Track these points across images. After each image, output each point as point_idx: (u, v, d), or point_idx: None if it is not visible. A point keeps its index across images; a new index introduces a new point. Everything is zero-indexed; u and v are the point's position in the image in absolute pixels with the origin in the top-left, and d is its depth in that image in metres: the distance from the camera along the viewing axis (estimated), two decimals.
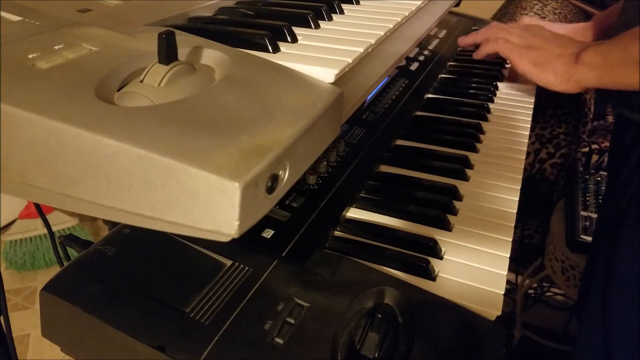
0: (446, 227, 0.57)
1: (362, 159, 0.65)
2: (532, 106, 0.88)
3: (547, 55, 0.71)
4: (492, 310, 0.47)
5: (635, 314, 0.63)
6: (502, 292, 0.49)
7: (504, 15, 1.59)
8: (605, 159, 1.21)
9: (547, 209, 1.25)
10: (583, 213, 1.10)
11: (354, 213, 0.59)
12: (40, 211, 0.66)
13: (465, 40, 0.91)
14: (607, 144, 1.27)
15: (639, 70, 0.56)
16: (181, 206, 0.27)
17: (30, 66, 0.32)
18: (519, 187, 0.66)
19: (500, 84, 0.95)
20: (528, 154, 1.17)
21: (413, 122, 0.80)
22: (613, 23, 0.71)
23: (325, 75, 0.38)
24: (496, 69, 0.99)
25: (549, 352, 1.33)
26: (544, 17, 1.46)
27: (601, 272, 0.69)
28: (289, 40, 0.44)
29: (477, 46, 0.88)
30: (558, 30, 0.85)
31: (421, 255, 0.52)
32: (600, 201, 1.12)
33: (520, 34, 0.79)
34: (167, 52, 0.33)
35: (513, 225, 0.58)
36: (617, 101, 0.70)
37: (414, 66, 0.92)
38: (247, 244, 0.49)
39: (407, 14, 0.57)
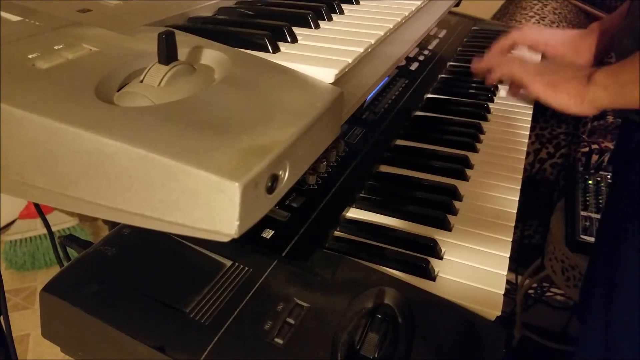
0: (446, 227, 0.57)
1: (362, 159, 0.65)
2: (532, 106, 0.88)
3: (561, 77, 0.71)
4: (492, 310, 0.47)
5: (637, 315, 0.63)
6: (502, 292, 0.49)
7: (504, 15, 1.59)
8: (606, 159, 1.21)
9: (547, 209, 1.26)
10: (583, 213, 1.10)
11: (353, 213, 0.59)
12: (40, 211, 0.66)
13: (479, 66, 0.87)
14: (607, 144, 1.27)
15: None
16: (181, 206, 0.27)
17: (30, 66, 0.32)
18: (519, 187, 0.66)
19: (500, 84, 0.95)
20: (528, 154, 1.17)
21: (413, 122, 0.80)
22: (618, 26, 0.71)
23: (325, 75, 0.38)
24: None
25: (548, 352, 1.33)
26: (544, 17, 1.46)
27: (604, 273, 0.69)
28: (289, 40, 0.44)
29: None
30: (562, 36, 0.85)
31: (421, 255, 0.52)
32: (600, 201, 1.12)
33: (533, 63, 0.79)
34: (167, 52, 0.33)
35: (513, 225, 0.58)
36: None
37: (414, 66, 0.92)
38: (247, 244, 0.49)
39: (407, 14, 0.57)
